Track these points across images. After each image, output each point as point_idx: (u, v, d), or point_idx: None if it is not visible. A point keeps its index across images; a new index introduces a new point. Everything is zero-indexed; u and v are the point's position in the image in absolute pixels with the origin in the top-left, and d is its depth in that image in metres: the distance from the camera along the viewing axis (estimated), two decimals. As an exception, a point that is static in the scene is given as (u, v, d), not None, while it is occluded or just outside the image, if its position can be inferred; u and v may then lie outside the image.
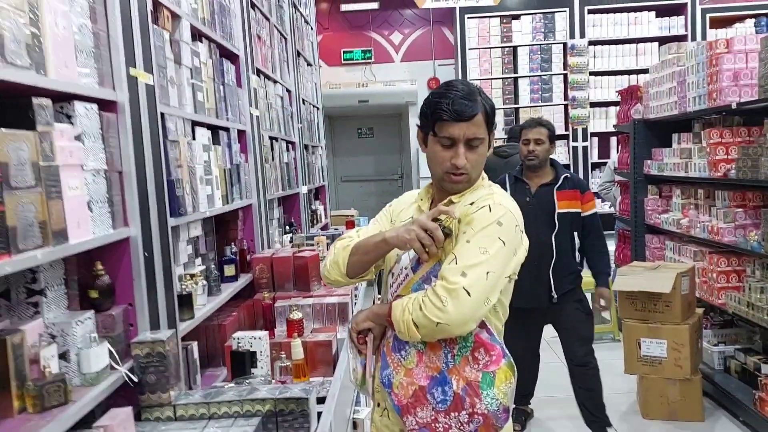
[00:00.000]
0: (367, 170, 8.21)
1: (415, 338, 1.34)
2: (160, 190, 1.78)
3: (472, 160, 1.40)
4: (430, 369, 1.37)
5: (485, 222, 1.35)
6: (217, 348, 2.42)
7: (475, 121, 1.37)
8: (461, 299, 1.27)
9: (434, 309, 1.28)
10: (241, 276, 2.77)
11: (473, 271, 1.30)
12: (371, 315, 1.48)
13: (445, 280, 1.30)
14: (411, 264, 1.44)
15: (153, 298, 1.67)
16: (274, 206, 3.68)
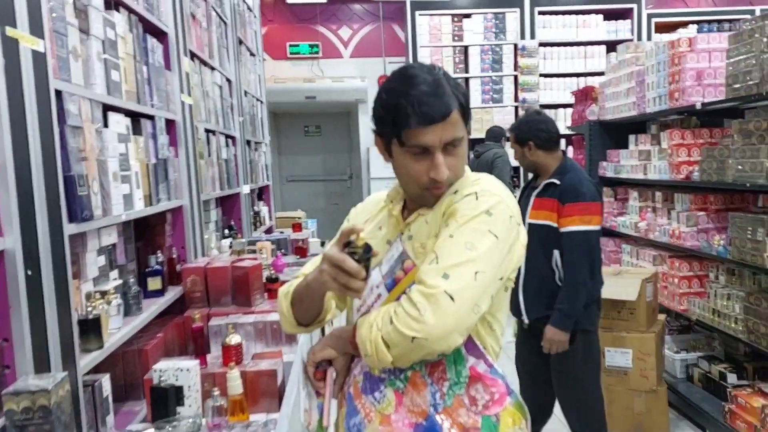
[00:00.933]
0: (314, 170, 7.85)
1: (386, 362, 1.04)
2: (52, 189, 1.39)
3: (454, 165, 1.13)
4: (413, 414, 1.10)
5: (471, 212, 1.08)
6: (138, 377, 2.03)
7: (450, 120, 1.10)
8: (442, 306, 1.00)
9: (408, 320, 1.00)
10: (170, 289, 2.38)
11: (457, 271, 1.02)
12: (331, 340, 1.17)
13: (422, 283, 1.03)
14: (385, 281, 1.14)
15: (39, 329, 1.29)
16: (211, 208, 3.29)
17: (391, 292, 1.12)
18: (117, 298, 1.88)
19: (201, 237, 2.80)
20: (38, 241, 1.31)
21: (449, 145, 1.11)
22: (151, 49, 2.23)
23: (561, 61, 6.30)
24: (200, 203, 2.78)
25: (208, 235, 3.11)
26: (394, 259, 1.13)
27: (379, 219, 1.25)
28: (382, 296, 1.13)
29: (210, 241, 3.12)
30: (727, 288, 2.99)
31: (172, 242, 2.54)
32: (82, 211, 1.57)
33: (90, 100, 1.68)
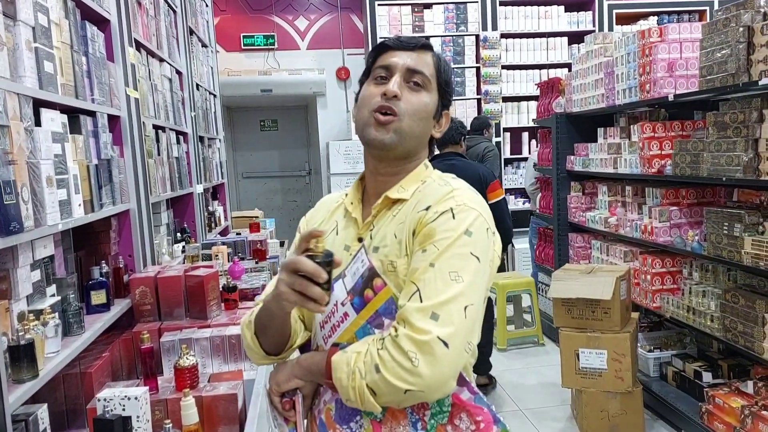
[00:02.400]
0: (271, 166, 7.60)
1: (373, 409, 0.96)
2: (-31, 200, 1.18)
3: (410, 102, 1.08)
4: None
5: (451, 234, 0.99)
6: (81, 403, 1.83)
7: (422, 54, 1.11)
8: (437, 355, 0.90)
9: (400, 371, 0.91)
10: (116, 303, 2.17)
11: (447, 309, 0.93)
12: (299, 372, 1.07)
13: (410, 326, 0.93)
14: (350, 299, 1.02)
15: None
16: (162, 210, 3.06)
17: (359, 314, 1.02)
18: (54, 317, 1.67)
19: (151, 243, 2.58)
20: (-50, 263, 1.10)
21: (413, 77, 1.09)
22: (90, 38, 2.00)
23: (523, 52, 6.25)
24: (149, 206, 2.56)
25: (159, 240, 2.89)
26: (359, 273, 1.03)
27: (335, 220, 1.16)
28: (349, 316, 1.02)
29: (161, 246, 2.90)
30: (702, 285, 2.97)
31: (118, 250, 2.33)
32: (9, 223, 1.36)
33: (18, 94, 1.46)
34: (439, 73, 1.12)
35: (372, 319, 1.01)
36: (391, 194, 1.09)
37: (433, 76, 1.11)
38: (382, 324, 1.00)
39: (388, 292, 1.00)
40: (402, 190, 1.09)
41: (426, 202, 1.04)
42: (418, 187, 1.09)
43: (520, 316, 4.80)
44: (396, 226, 1.05)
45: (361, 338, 1.01)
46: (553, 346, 4.36)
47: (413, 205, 1.06)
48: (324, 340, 1.07)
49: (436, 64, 1.12)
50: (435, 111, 1.12)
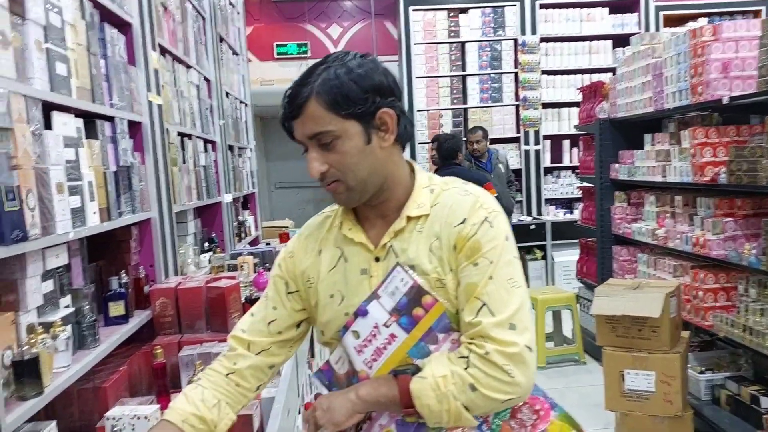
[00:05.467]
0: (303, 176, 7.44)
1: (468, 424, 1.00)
2: (-39, 206, 1.10)
3: (337, 162, 1.03)
4: None
5: (496, 243, 1.03)
6: (95, 420, 1.74)
7: (308, 114, 1.01)
8: (528, 362, 0.99)
9: (498, 384, 0.97)
10: (136, 314, 2.10)
11: (519, 317, 1.00)
12: (362, 407, 1.04)
13: (496, 342, 0.98)
14: (396, 319, 1.02)
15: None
16: (188, 219, 3.00)
17: (411, 333, 1.02)
18: (65, 330, 1.59)
19: (174, 253, 2.51)
20: (-62, 274, 1.02)
21: (320, 143, 1.02)
22: (110, 40, 1.94)
23: (564, 57, 6.05)
24: (172, 215, 2.49)
25: (185, 249, 2.82)
26: (401, 292, 1.02)
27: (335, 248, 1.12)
28: (397, 337, 1.02)
29: (186, 256, 2.83)
30: (760, 302, 2.72)
31: (138, 260, 2.25)
32: (11, 231, 1.28)
33: (24, 96, 1.39)
34: (336, 107, 1.00)
35: (425, 336, 1.02)
36: (411, 213, 1.07)
37: (331, 120, 1.01)
38: (436, 339, 1.02)
39: (441, 308, 1.01)
40: (418, 205, 1.08)
41: (458, 215, 1.05)
42: (431, 197, 1.09)
43: (559, 333, 4.57)
44: (428, 242, 1.05)
45: (416, 357, 1.01)
46: (595, 365, 4.13)
47: (442, 218, 1.05)
48: (367, 365, 1.05)
49: (326, 103, 1.00)
50: (364, 138, 1.03)
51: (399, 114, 1.05)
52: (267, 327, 1.16)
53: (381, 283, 1.04)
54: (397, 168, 1.08)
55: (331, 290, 1.10)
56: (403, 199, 1.09)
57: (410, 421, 1.03)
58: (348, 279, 1.08)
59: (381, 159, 1.05)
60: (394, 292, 1.02)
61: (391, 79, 1.06)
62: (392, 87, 1.06)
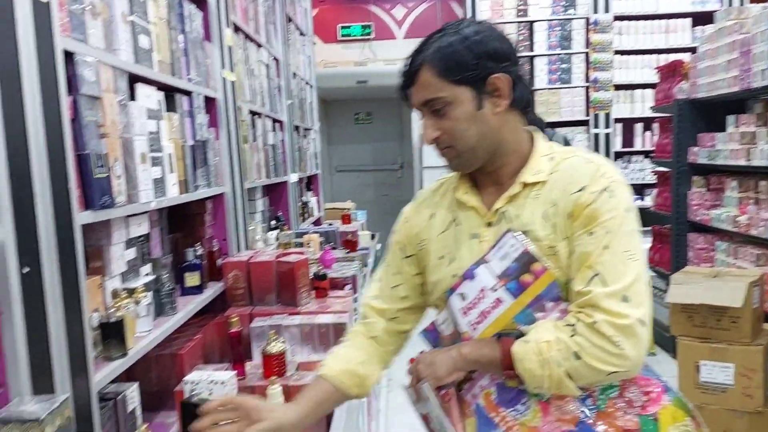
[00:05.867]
0: (364, 159, 7.60)
1: (571, 392, 0.99)
2: (59, 169, 1.15)
3: (448, 128, 1.06)
4: (563, 422, 1.01)
5: (615, 214, 1.00)
6: (172, 384, 1.81)
7: (420, 81, 1.05)
8: (640, 336, 0.96)
9: (605, 355, 0.95)
10: (210, 286, 2.16)
11: (635, 290, 0.97)
12: (463, 365, 1.06)
13: (606, 312, 0.95)
14: (503, 284, 1.02)
15: (39, 338, 1.05)
16: (257, 197, 3.06)
17: (518, 299, 1.01)
18: (147, 296, 1.65)
19: (245, 228, 2.56)
20: (38, 232, 1.07)
21: (432, 107, 1.05)
22: (188, 16, 1.99)
23: (639, 36, 5.76)
24: (244, 191, 2.54)
25: (254, 226, 2.88)
26: (511, 258, 1.02)
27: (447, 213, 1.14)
28: (503, 302, 1.02)
29: (255, 232, 2.89)
30: None
31: (212, 234, 2.31)
32: (100, 197, 1.33)
33: (113, 67, 1.44)
34: (446, 74, 1.03)
35: (532, 303, 1.01)
36: (527, 179, 1.06)
37: (443, 87, 1.03)
38: (543, 308, 1.01)
39: (551, 276, 1.01)
40: (535, 172, 1.07)
41: (577, 182, 1.02)
42: (550, 165, 1.07)
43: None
44: (543, 208, 1.04)
45: (521, 323, 1.01)
46: (664, 356, 3.96)
47: (560, 185, 1.04)
48: (471, 327, 1.06)
49: (438, 70, 1.03)
50: (475, 105, 1.04)
51: (515, 79, 1.05)
52: (391, 292, 1.21)
53: (491, 248, 1.04)
54: (513, 134, 1.08)
55: (441, 252, 1.13)
56: (519, 166, 1.08)
57: (511, 385, 1.04)
58: (458, 242, 1.10)
59: (493, 125, 1.05)
60: (503, 257, 1.02)
61: (506, 45, 1.06)
62: (508, 53, 1.05)
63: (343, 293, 2.46)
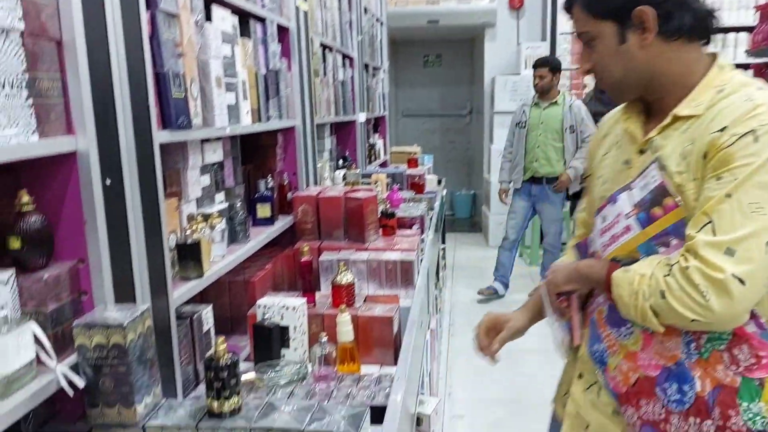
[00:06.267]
0: (431, 104, 7.43)
1: (655, 328, 1.00)
2: (139, 87, 1.15)
3: (596, 61, 1.09)
4: (662, 357, 1.03)
5: (752, 161, 0.92)
6: (244, 310, 1.86)
7: (574, 15, 1.10)
8: (732, 293, 0.90)
9: (689, 302, 0.93)
10: (280, 218, 2.17)
11: (746, 245, 0.90)
12: (576, 277, 1.15)
13: (701, 260, 0.92)
14: (635, 213, 1.02)
15: (121, 251, 1.07)
16: (326, 135, 3.04)
17: (644, 230, 1.01)
18: (221, 222, 1.67)
19: (314, 164, 2.55)
20: (120, 147, 1.08)
21: (583, 40, 1.10)
22: (262, -61, 1.93)
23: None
24: (314, 127, 2.52)
25: (322, 163, 2.87)
26: (648, 189, 1.02)
27: (615, 134, 1.19)
28: (632, 229, 1.03)
29: (323, 170, 2.89)
30: None
31: (283, 167, 2.32)
32: (177, 117, 1.33)
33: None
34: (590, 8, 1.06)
35: (658, 236, 1.00)
36: (680, 111, 1.03)
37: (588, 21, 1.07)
38: (668, 243, 1.00)
39: (680, 213, 0.98)
40: (693, 105, 1.02)
41: (722, 121, 0.96)
42: (713, 99, 1.01)
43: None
44: (684, 145, 1.00)
45: (643, 254, 1.02)
46: None
47: (707, 122, 0.99)
48: (602, 248, 1.09)
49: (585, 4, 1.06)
50: (617, 39, 1.05)
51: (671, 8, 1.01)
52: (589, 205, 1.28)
53: (637, 175, 1.05)
54: (673, 66, 1.05)
55: (601, 172, 1.18)
56: (682, 97, 1.05)
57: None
58: (614, 165, 1.14)
59: (640, 59, 1.04)
60: (644, 187, 1.03)
61: None
62: None
63: (410, 232, 2.43)
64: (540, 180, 4.24)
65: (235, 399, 0.96)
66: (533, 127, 4.21)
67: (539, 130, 4.19)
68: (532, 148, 4.22)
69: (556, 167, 4.19)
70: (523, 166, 4.26)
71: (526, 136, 4.22)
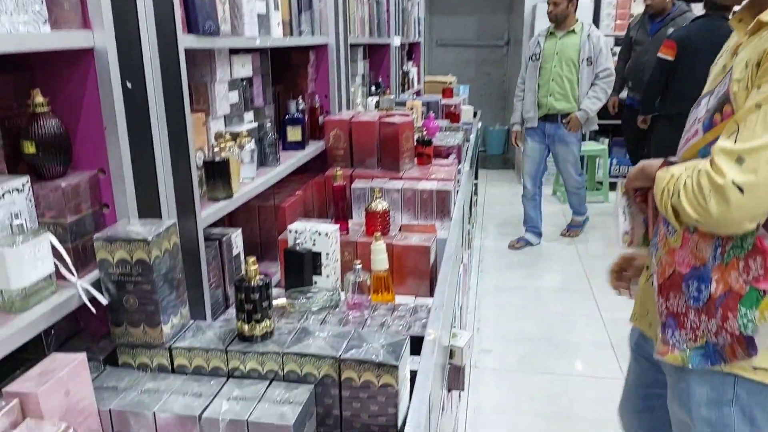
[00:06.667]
0: (467, 34, 7.08)
1: (672, 224, 1.07)
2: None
3: None
4: (694, 257, 1.07)
5: None
6: (274, 236, 1.80)
7: None
8: (729, 200, 0.93)
9: (695, 203, 0.98)
10: (311, 144, 2.07)
11: (755, 157, 0.91)
12: (641, 174, 1.19)
13: (713, 164, 0.95)
14: (705, 118, 1.03)
15: (144, 162, 0.99)
16: (358, 58, 2.88)
17: (704, 135, 1.03)
18: (251, 142, 1.59)
19: (347, 88, 2.42)
20: (141, 48, 0.98)
21: None
22: None
23: None
24: (347, 46, 2.37)
25: (354, 88, 2.74)
26: (718, 95, 1.01)
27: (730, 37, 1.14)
28: (698, 134, 1.05)
29: (355, 96, 2.75)
30: None
31: (314, 89, 2.20)
32: (204, 21, 1.21)
33: None
34: None
35: (713, 143, 0.99)
36: (764, 17, 0.98)
37: None
38: None
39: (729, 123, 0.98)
40: None
41: None
42: None
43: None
44: (751, 52, 0.97)
45: (701, 157, 1.03)
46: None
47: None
48: (679, 150, 1.13)
49: None
50: None
51: None
52: None
53: (721, 80, 1.04)
54: None
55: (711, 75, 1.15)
56: None
57: None
58: (716, 71, 1.12)
59: None
60: (717, 93, 1.03)
61: None
62: None
63: (446, 162, 2.31)
64: (554, 117, 3.88)
65: (266, 322, 0.89)
66: (547, 59, 3.84)
67: (554, 62, 3.82)
68: (546, 81, 3.84)
69: (573, 103, 3.84)
70: (536, 102, 3.90)
71: (539, 70, 3.86)
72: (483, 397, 2.48)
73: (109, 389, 0.84)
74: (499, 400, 2.47)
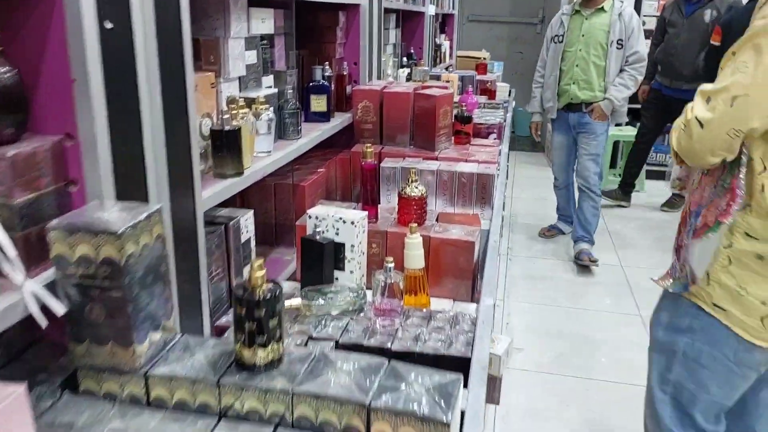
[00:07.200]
0: (500, 9, 6.73)
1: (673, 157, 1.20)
2: None
3: None
4: (701, 197, 1.18)
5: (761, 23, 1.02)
6: (291, 218, 1.58)
7: None
8: (692, 132, 1.10)
9: (674, 134, 1.16)
10: (336, 116, 1.84)
11: (717, 97, 1.06)
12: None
13: (693, 103, 1.12)
14: None
15: (128, 128, 0.77)
16: (391, 26, 2.62)
17: None
18: (269, 111, 1.36)
19: (378, 56, 2.17)
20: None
21: None
22: None
23: None
24: (381, 8, 2.11)
25: (386, 58, 2.49)
26: None
27: None
28: None
29: (386, 66, 2.50)
30: None
31: (343, 54, 1.96)
32: (214, -42, 0.98)
33: None
34: None
35: None
36: None
37: None
38: None
39: None
40: None
41: None
42: None
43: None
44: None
45: None
46: None
47: None
48: None
49: None
50: None
51: None
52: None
53: None
54: None
55: None
56: None
57: None
58: None
59: None
60: None
61: None
62: None
63: (487, 142, 2.06)
64: (578, 107, 3.32)
65: (273, 347, 0.67)
66: (572, 42, 3.26)
67: (579, 45, 3.24)
68: (569, 67, 3.29)
69: (598, 93, 3.29)
70: (557, 90, 3.37)
71: (562, 53, 3.31)
72: (512, 401, 2.26)
73: (62, 427, 0.63)
74: (530, 405, 2.25)
